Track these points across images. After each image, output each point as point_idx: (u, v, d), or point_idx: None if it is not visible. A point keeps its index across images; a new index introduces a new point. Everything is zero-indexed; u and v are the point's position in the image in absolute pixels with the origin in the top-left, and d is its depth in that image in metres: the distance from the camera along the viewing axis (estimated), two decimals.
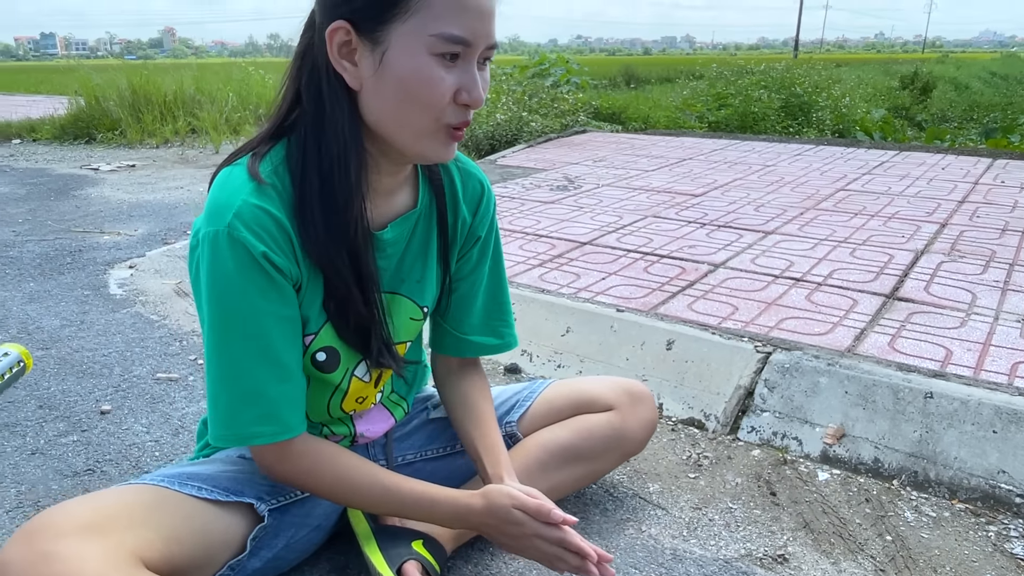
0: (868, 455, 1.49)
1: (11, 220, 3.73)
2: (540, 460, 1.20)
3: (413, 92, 0.86)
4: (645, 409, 1.28)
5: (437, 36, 0.83)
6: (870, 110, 10.23)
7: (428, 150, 0.91)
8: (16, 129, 7.28)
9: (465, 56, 0.86)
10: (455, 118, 0.88)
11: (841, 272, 2.32)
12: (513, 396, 1.30)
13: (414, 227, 1.06)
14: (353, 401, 1.11)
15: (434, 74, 0.85)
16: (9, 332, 2.22)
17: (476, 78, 0.87)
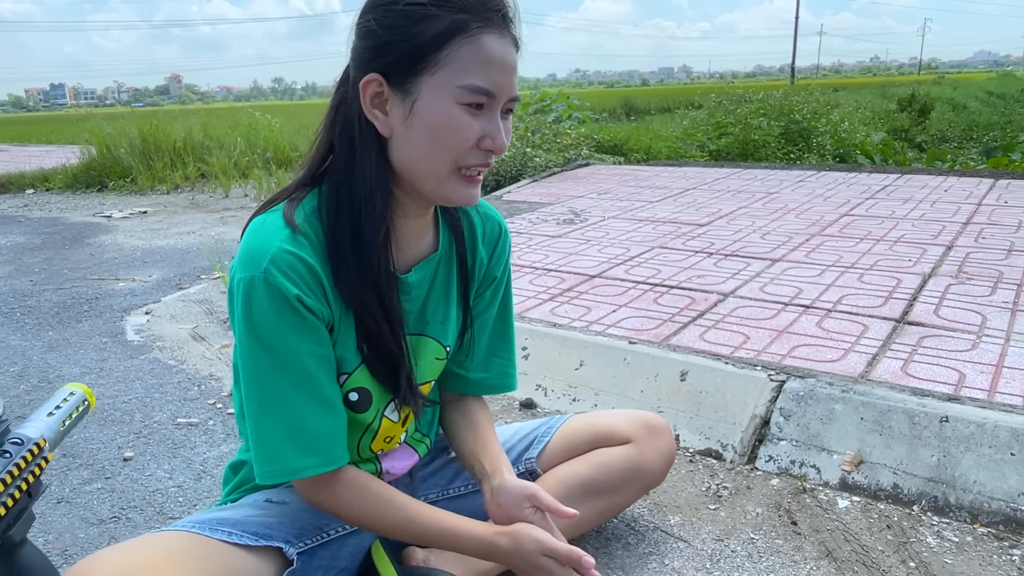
0: (887, 481, 1.49)
1: (28, 270, 3.79)
2: (560, 495, 1.20)
3: (441, 137, 0.91)
4: (663, 441, 1.29)
5: (464, 87, 0.89)
6: (869, 133, 10.32)
7: (451, 192, 0.96)
8: (29, 180, 7.41)
9: (489, 106, 0.92)
10: (475, 160, 0.94)
11: (850, 298, 2.34)
12: (531, 432, 1.32)
13: (436, 269, 1.10)
14: (382, 441, 1.13)
15: (462, 121, 0.91)
16: (31, 381, 2.25)
17: (499, 126, 0.93)
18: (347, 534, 1.14)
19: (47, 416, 0.62)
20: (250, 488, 1.18)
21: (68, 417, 0.64)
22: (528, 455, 1.28)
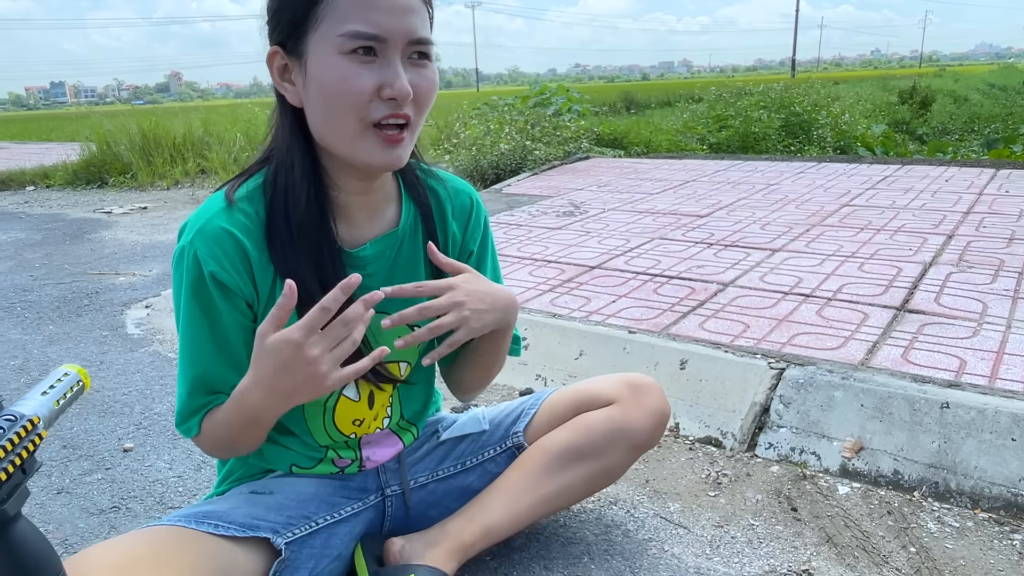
0: (887, 467, 1.49)
1: (28, 265, 3.79)
2: (543, 463, 1.19)
3: (331, 93, 0.88)
4: (649, 398, 1.23)
5: (344, 35, 0.86)
6: (870, 126, 10.29)
7: (365, 154, 0.92)
8: (30, 176, 7.41)
9: (383, 52, 0.88)
10: (380, 113, 0.89)
11: (850, 286, 2.34)
12: (518, 407, 1.31)
13: (399, 246, 1.08)
14: (350, 423, 1.12)
15: (348, 71, 0.87)
16: (31, 375, 2.25)
17: (398, 72, 0.88)
18: (336, 522, 1.13)
19: (41, 395, 0.61)
20: (235, 480, 1.18)
21: (62, 396, 0.64)
22: (515, 429, 1.26)
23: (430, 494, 1.24)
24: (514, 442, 1.26)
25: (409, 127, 0.93)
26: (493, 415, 1.31)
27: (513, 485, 1.19)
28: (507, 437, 1.26)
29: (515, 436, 1.26)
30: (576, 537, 1.31)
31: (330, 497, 1.15)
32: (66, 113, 32.65)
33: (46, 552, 0.57)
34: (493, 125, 6.37)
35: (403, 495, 1.21)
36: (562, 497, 1.22)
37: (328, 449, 1.14)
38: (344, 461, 1.15)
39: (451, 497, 1.24)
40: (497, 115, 6.95)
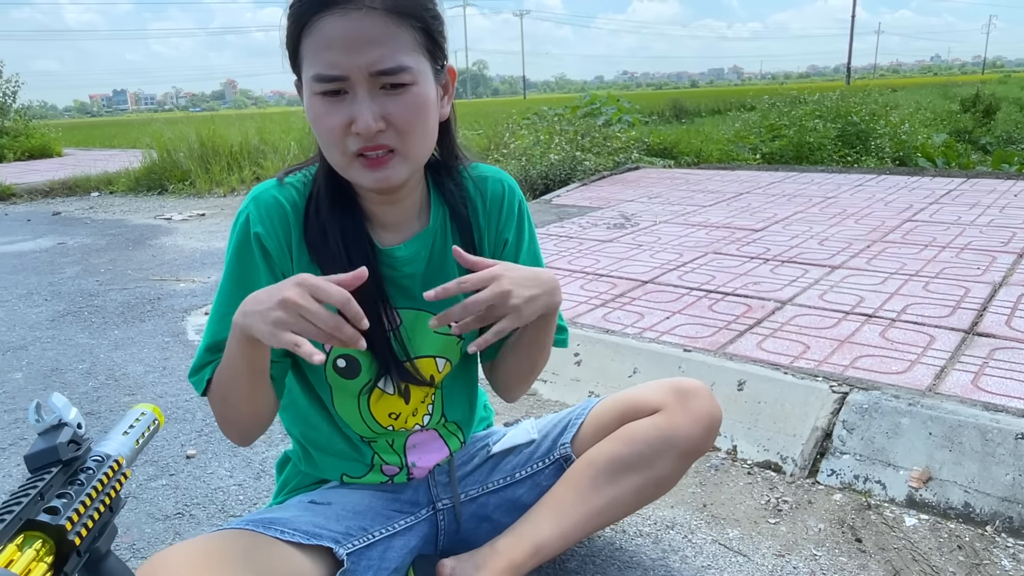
0: (958, 499, 1.44)
1: (94, 270, 3.94)
2: (589, 477, 1.17)
3: (316, 130, 0.95)
4: (698, 403, 1.18)
5: (312, 78, 0.90)
6: (931, 135, 9.98)
7: (358, 178, 0.96)
8: (95, 182, 7.71)
9: (350, 88, 0.89)
10: (354, 147, 0.92)
11: (915, 307, 2.26)
12: (565, 417, 1.29)
13: (432, 245, 1.09)
14: (386, 415, 1.12)
15: (320, 111, 0.92)
16: (98, 379, 2.33)
17: (362, 108, 0.89)
18: (391, 535, 1.15)
19: (123, 435, 0.64)
20: (291, 490, 1.21)
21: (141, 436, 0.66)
22: (562, 440, 1.25)
23: (481, 507, 1.24)
24: (562, 453, 1.24)
25: (396, 152, 0.94)
26: (542, 425, 1.30)
27: (561, 501, 1.18)
28: (555, 448, 1.25)
29: (563, 447, 1.25)
30: (633, 562, 1.30)
31: (384, 510, 1.16)
32: (127, 120, 33.87)
33: None
34: (542, 135, 6.38)
35: (454, 509, 1.22)
36: (612, 510, 1.19)
37: (375, 453, 1.15)
38: (392, 468, 1.16)
39: (502, 511, 1.24)
40: (546, 125, 6.97)
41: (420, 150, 0.97)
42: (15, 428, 2.00)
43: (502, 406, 1.96)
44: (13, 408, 2.14)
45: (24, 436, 1.95)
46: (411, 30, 0.90)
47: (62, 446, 0.55)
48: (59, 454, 0.55)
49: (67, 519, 0.52)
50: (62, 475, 0.55)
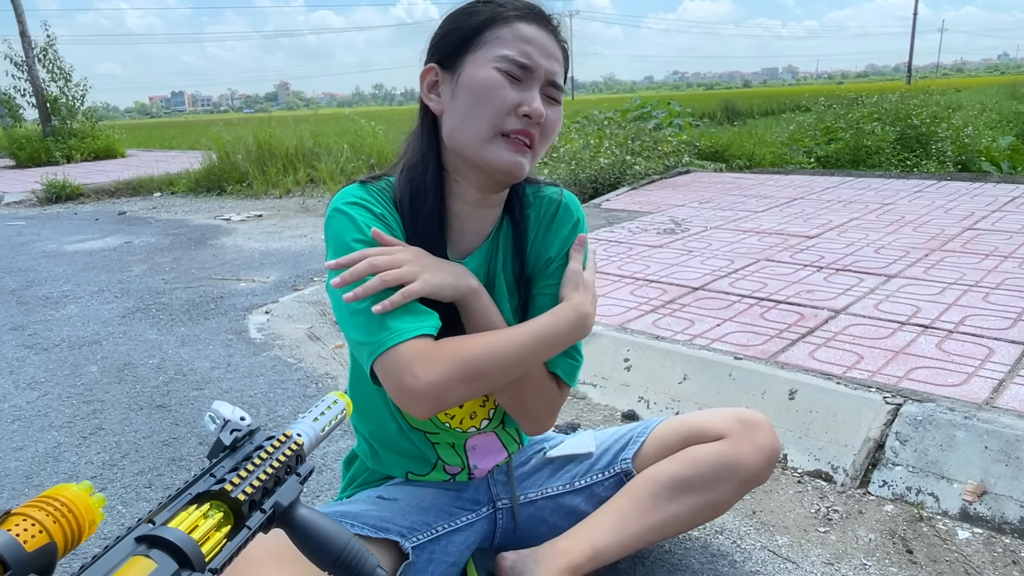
0: (1014, 514, 1.42)
1: (160, 269, 4.12)
2: (651, 493, 1.21)
3: (480, 95, 1.00)
4: (761, 435, 1.24)
5: (501, 56, 1.00)
6: (996, 138, 9.63)
7: (492, 155, 1.01)
8: (157, 183, 8.03)
9: (527, 79, 1.00)
10: (513, 125, 1.00)
11: (974, 319, 2.22)
12: (627, 433, 1.33)
13: (490, 256, 1.14)
14: (443, 413, 1.17)
15: (499, 81, 0.99)
16: (167, 374, 2.46)
17: (536, 96, 1.01)
18: (454, 530, 1.21)
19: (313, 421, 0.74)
20: (360, 484, 1.27)
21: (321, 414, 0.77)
22: (623, 456, 1.29)
23: (539, 510, 1.29)
24: (622, 468, 1.29)
25: (532, 148, 1.03)
26: (601, 439, 1.35)
27: (621, 511, 1.22)
28: (615, 463, 1.30)
29: (623, 463, 1.29)
30: (682, 564, 1.32)
31: (447, 507, 1.22)
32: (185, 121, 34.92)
33: (329, 530, 0.68)
34: (592, 139, 6.40)
35: (512, 509, 1.27)
36: (668, 527, 1.24)
37: (439, 457, 1.20)
38: (454, 468, 1.22)
39: (558, 515, 1.29)
40: (596, 128, 6.97)
41: (540, 157, 1.07)
42: (93, 419, 2.13)
43: None
44: (91, 400, 2.27)
45: (102, 427, 2.07)
46: (566, 62, 1.07)
47: (225, 435, 0.65)
48: (224, 442, 0.65)
49: (229, 482, 0.60)
50: (232, 458, 0.65)
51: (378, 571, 0.70)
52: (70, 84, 12.58)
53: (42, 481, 1.77)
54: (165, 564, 0.52)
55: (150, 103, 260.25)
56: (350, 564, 0.68)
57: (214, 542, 0.57)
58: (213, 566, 0.55)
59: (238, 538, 0.60)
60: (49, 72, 12.32)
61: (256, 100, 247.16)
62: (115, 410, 2.18)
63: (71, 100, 12.52)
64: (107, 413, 2.16)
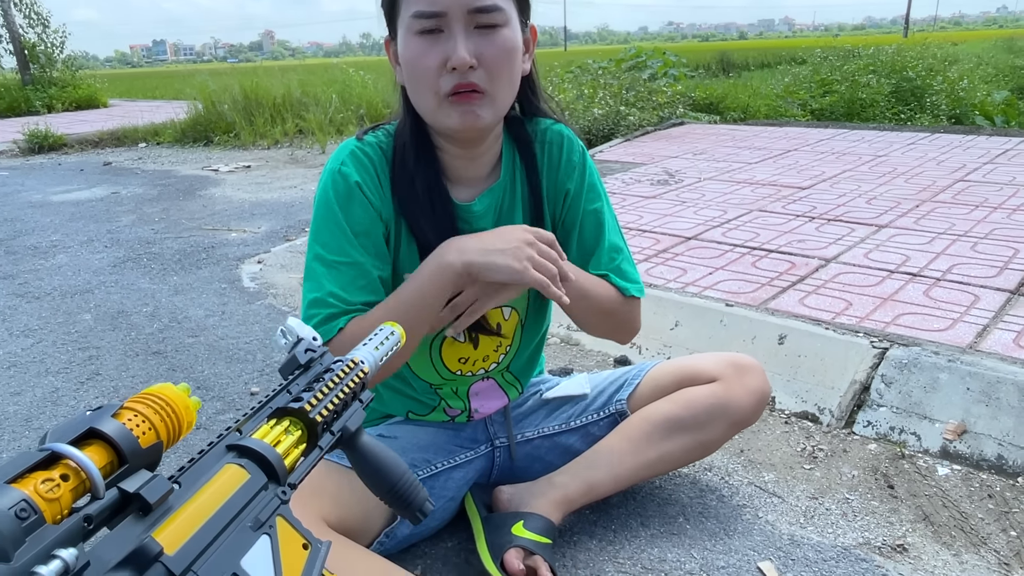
0: (991, 452, 1.47)
1: (149, 219, 4.09)
2: (645, 431, 1.26)
3: (411, 71, 0.99)
4: (752, 379, 1.28)
5: (412, 16, 0.96)
6: (991, 92, 9.58)
7: (446, 121, 1.00)
8: (142, 134, 7.89)
9: (447, 26, 0.95)
10: (448, 85, 0.97)
11: (961, 267, 2.26)
12: (622, 376, 1.37)
13: (502, 197, 1.15)
14: (455, 360, 1.20)
15: (417, 50, 0.97)
16: (162, 321, 2.47)
17: (457, 43, 0.95)
18: (451, 467, 1.24)
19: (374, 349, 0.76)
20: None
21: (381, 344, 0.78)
22: (619, 397, 1.33)
23: (535, 449, 1.32)
24: (617, 409, 1.32)
25: (485, 94, 0.99)
26: (596, 382, 1.38)
27: (616, 448, 1.26)
28: (610, 403, 1.33)
29: (618, 403, 1.32)
30: (672, 499, 1.37)
31: (446, 445, 1.25)
32: (168, 71, 34.10)
33: (389, 458, 0.71)
34: (586, 89, 6.32)
35: (509, 448, 1.30)
36: (661, 464, 1.28)
37: (441, 398, 1.23)
38: (454, 411, 1.25)
39: (554, 454, 1.32)
40: (590, 78, 6.88)
41: (505, 95, 1.02)
42: (89, 364, 2.14)
43: (549, 354, 2.04)
44: (86, 346, 2.28)
45: (99, 372, 2.09)
46: None
47: (300, 353, 0.67)
48: (299, 360, 0.66)
49: (307, 403, 0.62)
50: (306, 377, 0.66)
51: (427, 504, 0.72)
52: (48, 30, 12.23)
53: (41, 424, 1.79)
54: (256, 475, 0.54)
55: (131, 52, 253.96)
56: (404, 493, 0.70)
57: (293, 458, 0.59)
58: (292, 480, 0.57)
59: (311, 456, 0.62)
60: (27, 18, 11.96)
61: (240, 49, 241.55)
62: (111, 356, 2.19)
63: (50, 47, 12.19)
64: (103, 359, 2.18)
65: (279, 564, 0.52)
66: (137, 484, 0.46)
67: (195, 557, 0.47)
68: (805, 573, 1.17)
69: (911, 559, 1.20)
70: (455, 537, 1.28)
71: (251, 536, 0.51)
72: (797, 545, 1.24)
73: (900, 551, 1.22)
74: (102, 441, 0.47)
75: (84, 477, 0.44)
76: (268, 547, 0.52)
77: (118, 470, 0.47)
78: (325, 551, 0.56)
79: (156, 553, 0.44)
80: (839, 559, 1.20)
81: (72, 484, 0.43)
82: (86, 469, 0.44)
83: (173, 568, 0.45)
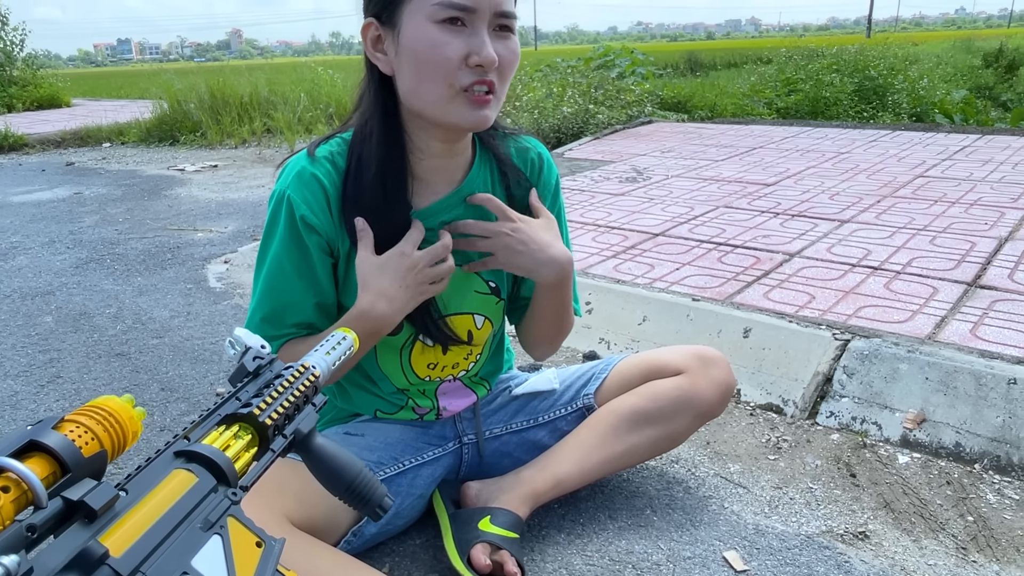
0: (949, 439, 1.51)
1: (113, 219, 4.01)
2: (612, 424, 1.27)
3: (423, 59, 0.94)
4: (717, 371, 1.29)
5: (437, 4, 0.92)
6: (950, 91, 9.81)
7: (455, 116, 0.98)
8: (106, 133, 7.73)
9: (471, 22, 0.94)
10: (468, 79, 0.95)
11: (920, 260, 2.31)
12: (589, 370, 1.38)
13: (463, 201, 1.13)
14: (424, 366, 1.20)
15: (439, 39, 0.93)
16: (125, 323, 2.42)
17: (485, 40, 0.94)
18: (419, 464, 1.24)
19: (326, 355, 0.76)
20: (328, 421, 1.29)
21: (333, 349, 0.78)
22: (586, 391, 1.34)
23: (503, 445, 1.33)
24: (584, 403, 1.33)
25: (494, 93, 0.98)
26: (564, 376, 1.38)
27: (583, 442, 1.27)
28: (578, 398, 1.34)
29: (586, 397, 1.33)
30: (639, 491, 1.38)
31: (414, 442, 1.24)
32: (134, 70, 33.47)
33: (343, 458, 0.71)
34: (555, 88, 6.34)
35: (478, 444, 1.30)
36: (628, 457, 1.29)
37: (408, 398, 1.23)
38: (423, 409, 1.24)
39: (522, 449, 1.32)
40: (559, 77, 6.91)
41: (504, 96, 1.03)
42: (50, 367, 2.09)
43: (517, 350, 2.04)
44: (47, 348, 2.23)
45: (60, 375, 2.05)
46: None
47: (248, 361, 0.68)
48: (247, 368, 0.67)
49: (256, 407, 0.63)
50: (255, 384, 0.67)
51: (386, 500, 0.72)
52: (7, 28, 11.94)
53: (0, 428, 1.75)
54: (204, 478, 0.55)
55: (95, 51, 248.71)
56: (361, 491, 0.71)
57: (244, 461, 0.60)
58: (243, 483, 0.58)
59: (264, 460, 0.63)
60: None
61: (207, 48, 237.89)
62: (73, 358, 2.15)
63: (9, 46, 11.90)
64: (64, 362, 2.13)
65: (231, 562, 0.51)
66: (81, 492, 0.46)
67: (143, 559, 0.47)
68: (769, 562, 1.19)
69: (872, 546, 1.23)
70: (423, 534, 1.27)
71: (201, 536, 0.51)
72: (762, 534, 1.26)
73: (862, 538, 1.25)
74: (43, 453, 0.47)
75: (26, 488, 0.44)
76: (220, 546, 0.52)
77: (61, 479, 0.47)
78: (279, 548, 0.56)
79: (101, 555, 0.44)
80: (802, 547, 1.22)
81: (13, 495, 0.44)
82: (27, 480, 0.44)
83: (120, 570, 0.44)
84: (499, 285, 1.21)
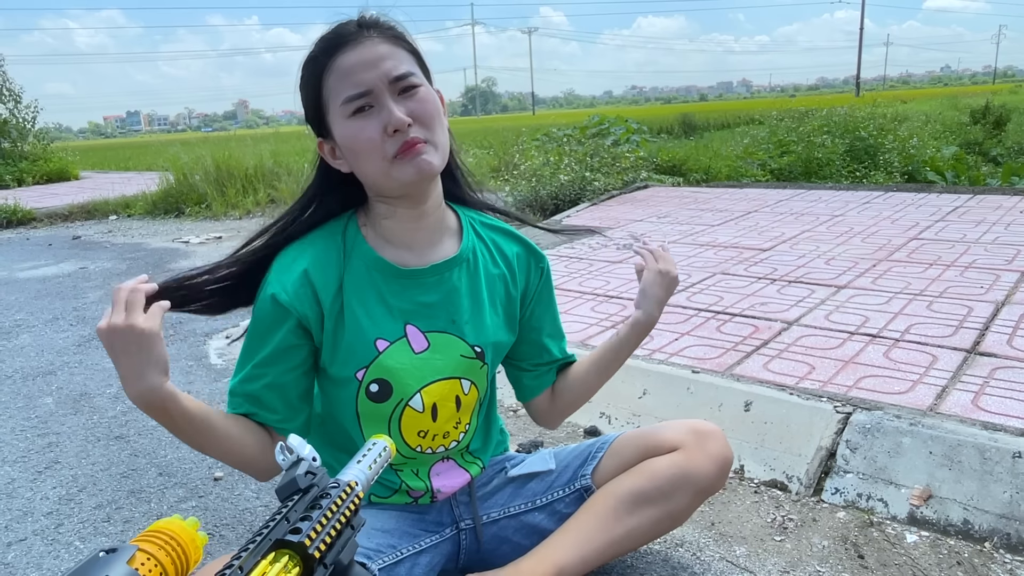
0: (957, 517, 1.49)
1: None
2: (611, 507, 1.25)
3: (356, 150, 1.07)
4: (713, 445, 1.28)
5: (343, 104, 1.05)
6: (940, 148, 9.99)
7: (402, 176, 1.07)
8: (112, 206, 7.86)
9: (375, 101, 1.05)
10: (393, 148, 1.05)
11: (918, 327, 2.31)
12: (586, 450, 1.37)
13: (457, 273, 1.19)
14: (415, 434, 1.20)
15: (357, 129, 1.06)
16: (125, 403, 2.42)
17: (391, 110, 1.04)
18: (418, 552, 1.22)
19: (357, 464, 0.77)
20: None
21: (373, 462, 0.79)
22: (583, 471, 1.32)
23: (501, 529, 1.31)
24: (582, 484, 1.31)
25: (427, 142, 1.08)
26: (561, 456, 1.37)
27: (583, 527, 1.25)
28: (575, 479, 1.32)
29: (583, 479, 1.32)
30: None
31: (410, 528, 1.23)
32: (142, 141, 34.22)
33: None
34: (552, 156, 6.47)
35: (475, 530, 1.29)
36: (629, 540, 1.27)
37: (402, 481, 1.22)
38: (417, 492, 1.23)
39: (521, 534, 1.31)
40: (556, 146, 7.06)
41: (443, 140, 1.12)
42: (49, 452, 2.08)
43: (514, 428, 2.03)
44: (46, 432, 2.22)
45: (58, 460, 2.03)
46: (406, 51, 1.10)
47: (300, 477, 0.67)
48: (298, 484, 0.67)
49: (307, 536, 0.62)
50: (304, 502, 0.66)
51: None
52: (20, 105, 12.29)
53: None
54: None
55: (104, 123, 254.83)
56: None
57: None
58: None
59: None
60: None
61: (215, 119, 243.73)
62: (71, 442, 2.14)
63: (21, 122, 12.22)
64: (63, 446, 2.12)
65: None
66: None
67: None
68: None
69: None
70: None
71: None
72: None
73: None
74: None
75: None
76: None
77: None
78: None
79: None
80: None
81: None
82: None
83: None
84: (484, 350, 1.22)
